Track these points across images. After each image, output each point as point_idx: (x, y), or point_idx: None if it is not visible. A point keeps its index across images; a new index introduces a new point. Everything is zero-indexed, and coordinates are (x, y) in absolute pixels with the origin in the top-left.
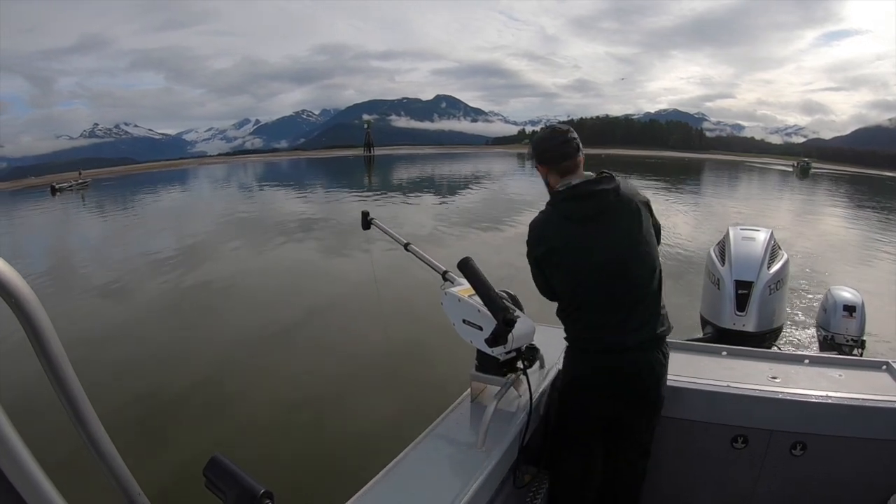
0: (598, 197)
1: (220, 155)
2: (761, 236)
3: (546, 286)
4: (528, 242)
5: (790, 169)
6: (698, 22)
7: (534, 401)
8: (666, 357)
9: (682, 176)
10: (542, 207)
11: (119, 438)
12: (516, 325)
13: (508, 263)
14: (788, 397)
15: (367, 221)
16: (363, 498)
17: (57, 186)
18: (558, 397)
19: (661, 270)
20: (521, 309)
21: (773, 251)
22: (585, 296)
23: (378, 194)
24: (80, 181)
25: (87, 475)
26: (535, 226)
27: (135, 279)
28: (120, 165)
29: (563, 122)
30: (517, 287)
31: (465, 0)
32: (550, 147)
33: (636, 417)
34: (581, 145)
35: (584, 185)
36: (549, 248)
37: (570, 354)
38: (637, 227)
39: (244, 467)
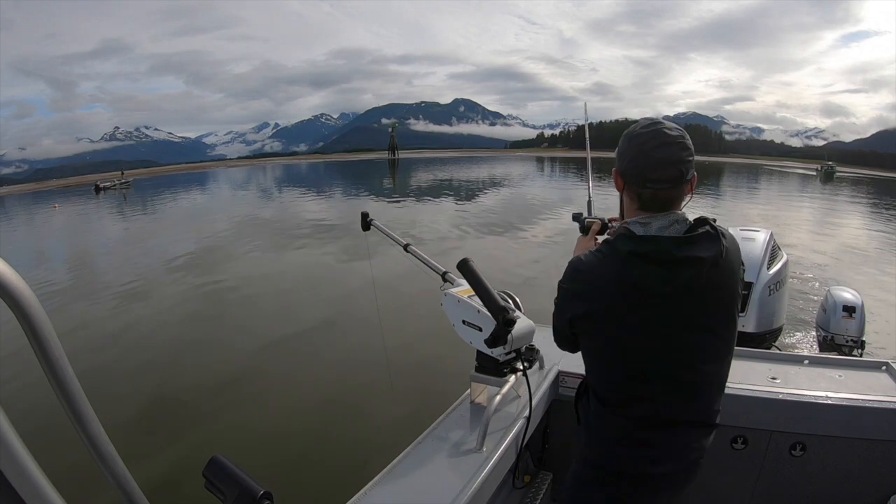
0: (686, 266)
1: (240, 158)
2: (761, 237)
3: (571, 342)
4: (567, 284)
5: (813, 173)
6: (716, 24)
7: (533, 402)
8: None
9: (701, 180)
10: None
11: (120, 439)
12: (516, 326)
13: (535, 260)
14: (788, 398)
15: (366, 223)
16: (362, 499)
17: (101, 185)
18: None
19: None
20: (520, 310)
21: (772, 252)
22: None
23: (408, 198)
24: (122, 181)
25: (87, 476)
26: (581, 268)
27: (153, 282)
28: (140, 168)
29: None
30: (518, 288)
31: (482, 3)
32: (647, 153)
33: None
34: (692, 166)
35: (665, 242)
36: (591, 310)
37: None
38: (726, 324)
39: (244, 468)
